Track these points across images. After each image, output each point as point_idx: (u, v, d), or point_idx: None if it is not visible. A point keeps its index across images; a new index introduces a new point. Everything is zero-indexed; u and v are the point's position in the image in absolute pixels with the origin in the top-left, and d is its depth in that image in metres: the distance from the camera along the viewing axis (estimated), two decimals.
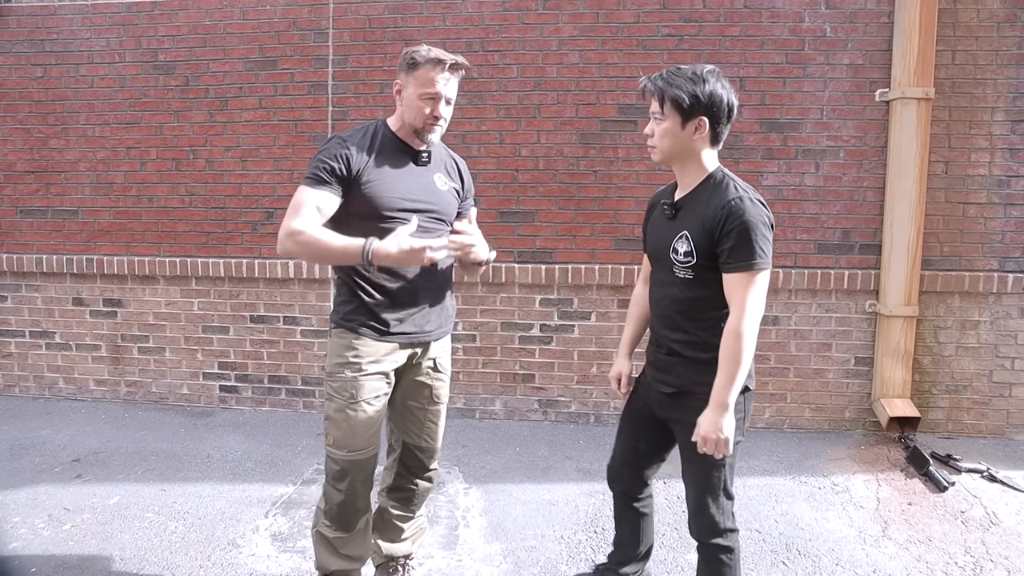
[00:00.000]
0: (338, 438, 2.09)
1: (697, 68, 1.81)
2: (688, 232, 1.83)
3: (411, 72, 2.02)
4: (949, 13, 3.63)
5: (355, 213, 2.03)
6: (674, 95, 1.78)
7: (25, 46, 4.19)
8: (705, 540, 1.96)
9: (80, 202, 4.24)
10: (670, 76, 1.81)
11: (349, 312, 2.10)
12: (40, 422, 4.00)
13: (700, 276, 1.83)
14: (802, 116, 3.76)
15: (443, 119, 2.07)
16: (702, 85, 1.78)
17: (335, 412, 2.09)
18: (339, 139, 2.06)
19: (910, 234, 3.62)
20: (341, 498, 2.13)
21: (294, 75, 4.02)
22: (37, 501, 3.06)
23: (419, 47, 2.04)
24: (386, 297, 2.08)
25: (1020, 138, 3.68)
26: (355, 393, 2.06)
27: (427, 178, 2.13)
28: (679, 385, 1.92)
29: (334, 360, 2.11)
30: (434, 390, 2.26)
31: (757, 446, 3.68)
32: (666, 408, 1.98)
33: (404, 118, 2.07)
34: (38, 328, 4.37)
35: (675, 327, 1.92)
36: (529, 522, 2.93)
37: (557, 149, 3.90)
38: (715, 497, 1.92)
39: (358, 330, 2.08)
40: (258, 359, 4.21)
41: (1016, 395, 3.79)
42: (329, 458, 2.14)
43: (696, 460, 1.89)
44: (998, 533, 2.84)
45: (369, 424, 2.10)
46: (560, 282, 3.94)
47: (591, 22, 3.82)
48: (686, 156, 1.86)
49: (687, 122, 1.80)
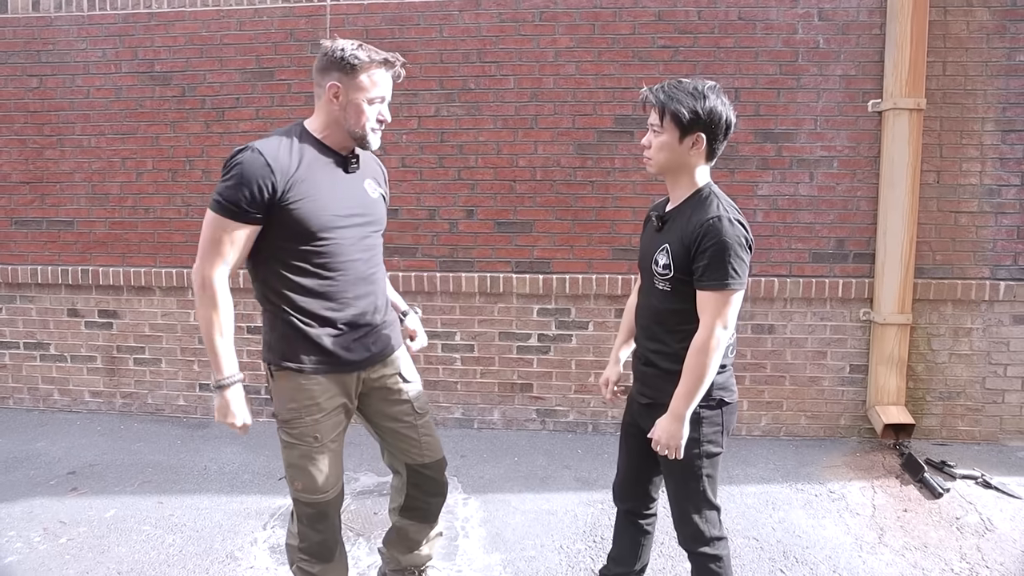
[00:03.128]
0: (308, 484, 1.96)
1: (699, 83, 1.81)
2: (669, 245, 1.85)
3: (351, 74, 1.84)
4: (940, 25, 3.68)
5: (285, 235, 1.82)
6: (675, 109, 1.78)
7: (21, 56, 4.19)
8: (693, 549, 1.98)
9: (75, 213, 4.22)
10: (671, 90, 1.81)
11: (290, 351, 1.91)
12: (35, 434, 3.98)
13: (676, 289, 1.85)
14: (796, 127, 3.80)
15: (387, 121, 1.94)
16: (703, 101, 1.78)
17: (299, 459, 1.95)
18: (258, 154, 1.78)
19: (903, 243, 3.66)
20: (321, 537, 2.05)
21: (291, 86, 4.03)
22: (32, 515, 3.04)
23: (344, 43, 1.86)
24: (331, 326, 1.91)
25: (1010, 148, 3.73)
26: (319, 436, 1.93)
27: (358, 186, 1.97)
28: (653, 396, 1.95)
29: (288, 405, 1.93)
30: (413, 403, 2.14)
31: (754, 454, 3.70)
32: (644, 418, 2.00)
33: (344, 123, 1.88)
34: (33, 339, 4.34)
35: (652, 337, 1.95)
36: (528, 532, 2.93)
37: (554, 160, 3.92)
38: (696, 508, 1.94)
39: (307, 369, 1.91)
40: (255, 370, 4.19)
41: (1009, 401, 3.83)
42: (300, 503, 2.01)
43: (673, 472, 1.94)
44: (993, 539, 2.86)
45: (335, 460, 2.00)
46: (558, 292, 3.95)
47: (587, 33, 3.86)
48: (680, 170, 1.87)
49: (685, 137, 1.81)
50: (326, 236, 1.85)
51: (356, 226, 1.92)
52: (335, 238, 1.87)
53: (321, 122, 1.92)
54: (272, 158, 1.79)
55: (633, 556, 2.24)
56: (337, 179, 1.91)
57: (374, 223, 2.00)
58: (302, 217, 1.81)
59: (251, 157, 1.78)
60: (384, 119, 1.93)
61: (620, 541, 2.26)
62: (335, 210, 1.87)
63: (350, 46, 1.87)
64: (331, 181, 1.89)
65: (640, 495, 2.18)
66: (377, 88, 1.88)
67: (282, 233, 1.82)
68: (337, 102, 1.88)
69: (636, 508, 2.19)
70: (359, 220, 1.93)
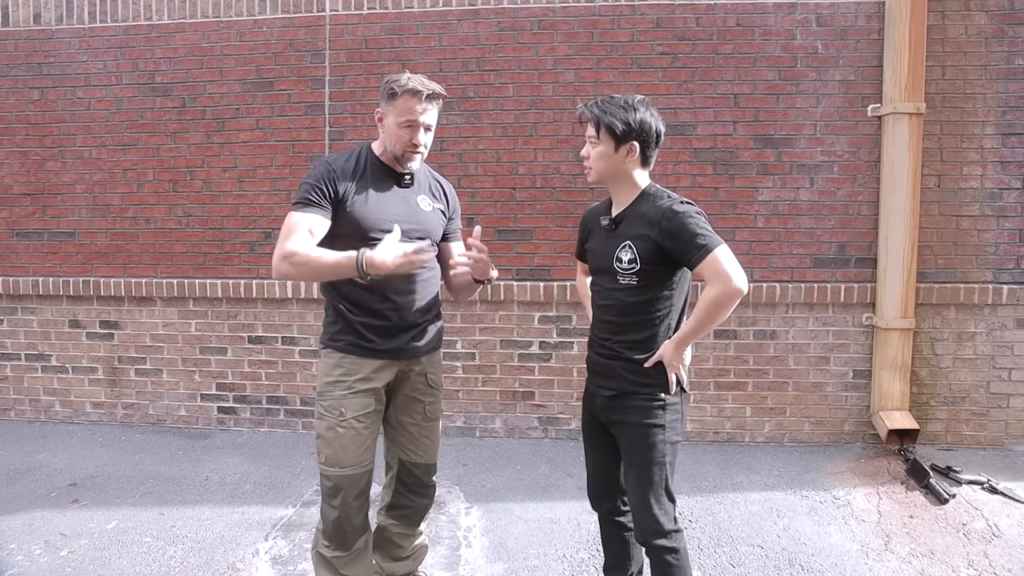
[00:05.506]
0: (329, 456, 2.12)
1: (629, 97, 1.98)
2: (630, 241, 1.97)
3: (391, 101, 2.09)
4: (938, 29, 3.69)
5: (341, 234, 2.07)
6: (609, 122, 1.94)
7: (22, 69, 4.21)
8: (650, 542, 2.00)
9: (77, 224, 4.23)
10: (604, 104, 1.97)
11: (336, 332, 2.15)
12: (36, 446, 3.97)
13: (643, 281, 1.97)
14: (796, 132, 3.80)
15: (423, 146, 2.14)
16: (633, 113, 1.94)
17: (326, 430, 2.12)
18: (325, 163, 2.12)
19: (905, 247, 3.65)
20: (336, 514, 2.14)
21: (291, 96, 4.04)
22: (33, 527, 3.02)
23: (399, 76, 2.10)
24: (372, 316, 2.12)
25: (1010, 151, 3.73)
26: (344, 411, 2.10)
27: (411, 199, 2.19)
28: (619, 388, 2.03)
29: (323, 380, 2.16)
30: (427, 406, 2.29)
31: (757, 460, 3.68)
32: (608, 411, 2.07)
33: (385, 144, 2.14)
34: (34, 351, 4.34)
35: (620, 332, 2.03)
36: (531, 541, 2.91)
37: (554, 167, 3.93)
38: (657, 497, 1.99)
39: (345, 349, 2.13)
40: (256, 380, 4.19)
41: (1014, 406, 3.81)
42: (322, 476, 2.16)
43: (636, 461, 2.00)
44: (1000, 545, 2.84)
45: (359, 440, 2.12)
46: (559, 299, 3.95)
47: (586, 41, 3.87)
48: (620, 176, 2.01)
49: (620, 146, 1.96)
50: (374, 238, 2.05)
51: (403, 232, 2.09)
52: (382, 240, 2.05)
53: (378, 143, 2.20)
54: (335, 165, 2.11)
55: (626, 559, 2.26)
56: (390, 191, 2.16)
57: (422, 232, 2.18)
58: (355, 217, 2.07)
59: (320, 165, 2.12)
60: (418, 143, 2.12)
61: (610, 548, 2.29)
62: (383, 215, 2.10)
63: (399, 77, 2.10)
64: (384, 192, 2.15)
65: (614, 492, 2.22)
66: (408, 115, 2.07)
67: (340, 231, 2.07)
68: (381, 125, 2.15)
69: (614, 507, 2.23)
70: (406, 227, 2.11)
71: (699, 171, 3.85)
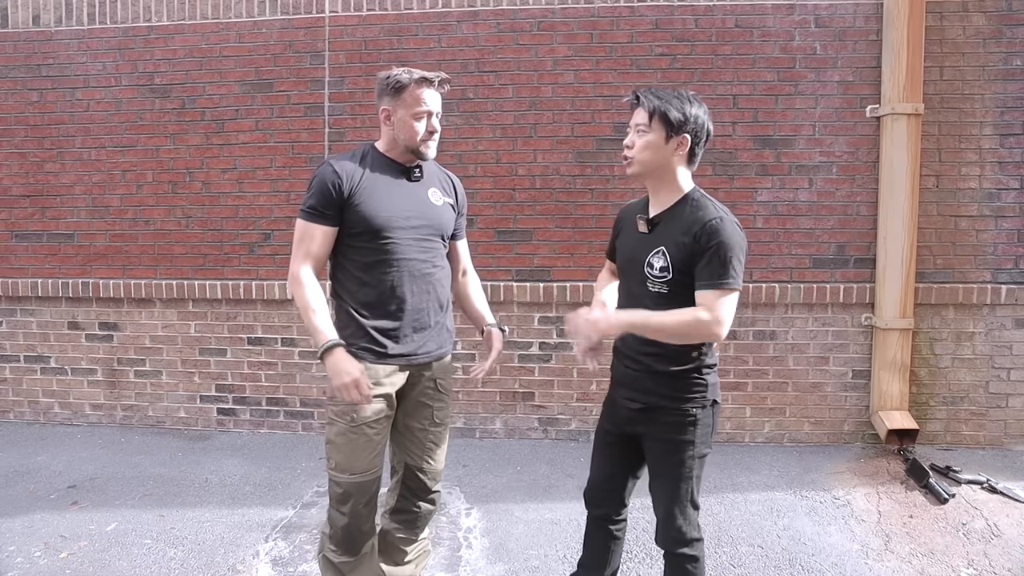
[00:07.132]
0: (340, 462, 2.10)
1: (682, 91, 1.91)
2: (665, 248, 1.87)
3: (398, 96, 2.08)
4: (936, 30, 3.70)
5: (354, 232, 2.07)
6: (664, 109, 1.85)
7: (21, 71, 4.21)
8: (672, 550, 1.98)
9: (76, 225, 4.23)
10: (660, 92, 1.89)
11: (347, 336, 2.11)
12: (35, 448, 3.96)
13: (675, 291, 1.86)
14: (794, 133, 3.81)
15: (437, 132, 2.14)
16: (689, 106, 1.87)
17: (336, 436, 2.10)
18: (329, 164, 2.11)
19: (903, 247, 3.66)
20: (345, 521, 2.12)
21: (290, 97, 4.04)
22: (33, 529, 3.02)
23: (395, 71, 2.10)
24: (384, 317, 2.11)
25: (1009, 151, 3.74)
26: (355, 416, 2.08)
27: (421, 193, 2.17)
28: (647, 401, 1.95)
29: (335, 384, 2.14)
30: (435, 411, 2.26)
31: (757, 461, 3.69)
32: (636, 423, 2.00)
33: (398, 139, 2.12)
34: (33, 353, 4.34)
35: (647, 340, 1.90)
36: (532, 542, 2.91)
37: (554, 168, 3.93)
38: (683, 508, 1.96)
39: (357, 353, 2.09)
40: (256, 381, 4.19)
41: (1013, 405, 3.81)
42: (332, 482, 2.14)
43: (664, 473, 1.96)
44: (1000, 545, 2.84)
45: (370, 446, 2.11)
46: (559, 300, 3.95)
47: (585, 42, 3.87)
48: (663, 172, 1.91)
49: (671, 137, 1.86)
50: (386, 235, 2.07)
51: (414, 228, 2.11)
52: (393, 238, 2.08)
53: (384, 141, 2.18)
54: (340, 167, 2.08)
55: (603, 561, 2.21)
56: (399, 187, 2.14)
57: (434, 227, 2.17)
58: (364, 216, 2.06)
59: (324, 168, 2.10)
60: (434, 130, 2.12)
61: (591, 546, 2.24)
62: (394, 212, 2.09)
63: (394, 72, 2.10)
64: (393, 188, 2.13)
65: (614, 501, 2.17)
66: (420, 104, 2.08)
67: (349, 231, 2.07)
68: (390, 122, 2.12)
69: (609, 514, 2.19)
70: (417, 223, 2.12)
71: (698, 171, 3.81)
